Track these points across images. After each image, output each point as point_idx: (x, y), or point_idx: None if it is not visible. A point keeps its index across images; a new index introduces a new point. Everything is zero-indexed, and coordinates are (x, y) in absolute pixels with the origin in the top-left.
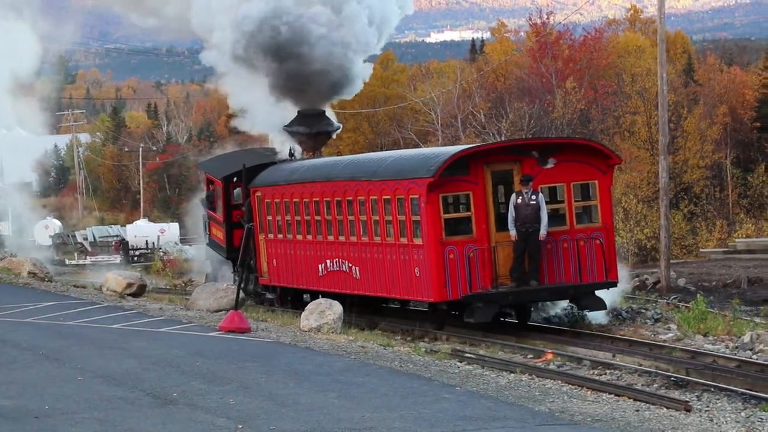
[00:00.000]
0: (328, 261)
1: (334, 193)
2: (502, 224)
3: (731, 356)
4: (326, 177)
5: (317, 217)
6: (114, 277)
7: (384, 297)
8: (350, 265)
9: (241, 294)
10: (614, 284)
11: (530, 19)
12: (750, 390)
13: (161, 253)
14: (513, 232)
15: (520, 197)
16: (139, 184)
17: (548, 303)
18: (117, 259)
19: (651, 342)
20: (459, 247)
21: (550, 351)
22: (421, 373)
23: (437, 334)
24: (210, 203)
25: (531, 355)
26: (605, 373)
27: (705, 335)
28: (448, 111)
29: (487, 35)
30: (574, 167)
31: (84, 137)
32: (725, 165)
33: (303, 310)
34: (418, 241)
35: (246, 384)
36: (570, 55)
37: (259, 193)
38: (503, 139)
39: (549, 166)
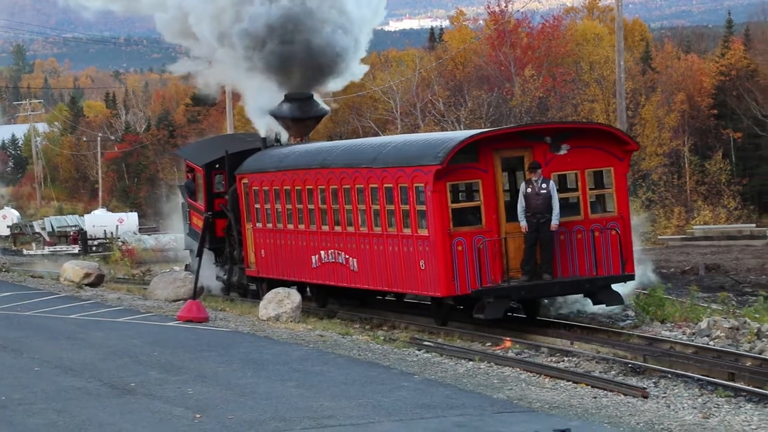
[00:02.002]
0: (322, 252)
1: (330, 180)
2: (512, 214)
3: (688, 343)
4: (321, 163)
5: (310, 206)
6: (72, 267)
7: (385, 291)
8: (347, 256)
9: (200, 283)
10: (632, 277)
11: (489, 7)
12: (707, 376)
13: (120, 243)
14: (523, 223)
15: (530, 186)
16: (97, 173)
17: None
18: (75, 249)
19: (609, 329)
20: (467, 238)
21: (508, 339)
22: (379, 361)
23: (395, 323)
24: (190, 191)
25: (489, 343)
26: (563, 361)
27: (662, 322)
28: (407, 99)
29: (446, 23)
30: (588, 153)
31: (42, 127)
32: (683, 152)
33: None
34: (423, 232)
35: (204, 373)
36: (528, 43)
37: (246, 180)
38: (462, 127)
39: (562, 152)
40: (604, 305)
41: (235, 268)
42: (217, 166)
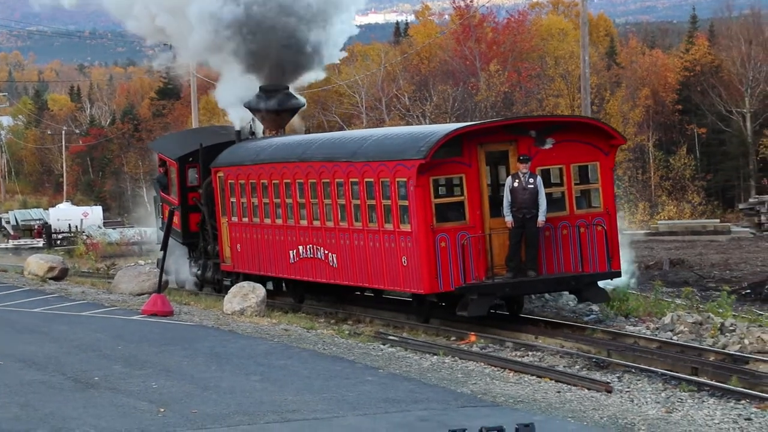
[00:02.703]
0: (300, 247)
1: (308, 174)
2: (496, 209)
3: (652, 337)
4: (299, 157)
5: (288, 200)
6: (36, 260)
7: (365, 287)
8: (326, 252)
9: (164, 276)
10: (618, 274)
11: (454, 2)
12: (670, 371)
13: (84, 237)
14: (509, 218)
15: (517, 180)
16: (62, 167)
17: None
18: (40, 242)
19: (573, 323)
20: (451, 234)
21: (473, 333)
22: (344, 355)
23: (362, 316)
24: (163, 185)
25: (454, 338)
26: (527, 355)
27: (626, 317)
28: (372, 94)
29: (411, 18)
30: (573, 147)
31: (6, 120)
32: (647, 147)
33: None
34: (405, 228)
35: (168, 367)
36: (494, 38)
37: (221, 174)
38: (428, 122)
39: (547, 146)
40: (589, 302)
41: (210, 263)
42: (190, 159)
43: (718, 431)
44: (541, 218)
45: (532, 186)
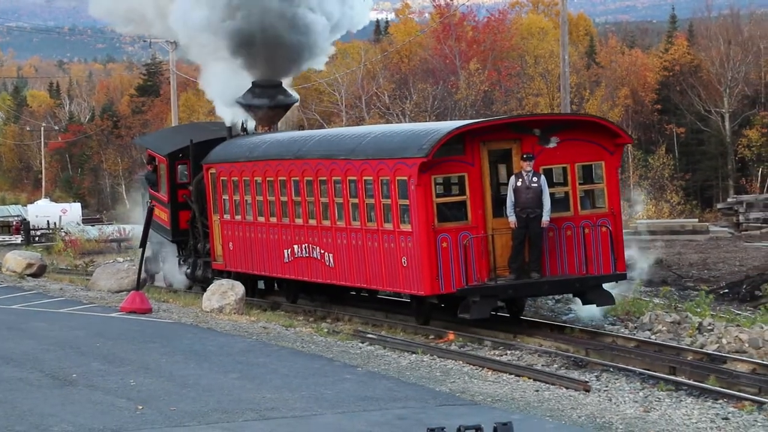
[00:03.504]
0: (295, 246)
1: (305, 172)
2: (499, 209)
3: (630, 336)
4: (295, 154)
5: (283, 198)
6: (14, 257)
7: (363, 288)
8: (322, 251)
9: (143, 274)
10: (623, 276)
11: (434, 0)
12: (648, 370)
13: (63, 234)
14: (512, 218)
15: (520, 179)
16: (40, 163)
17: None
18: (18, 239)
19: (552, 322)
20: (453, 234)
21: (451, 332)
22: (322, 353)
23: (341, 314)
24: (152, 182)
25: (432, 336)
26: (506, 354)
27: (605, 316)
28: (352, 92)
29: (391, 16)
30: (578, 147)
31: None
32: (626, 147)
33: (257, 296)
34: (406, 228)
35: (147, 365)
36: (474, 37)
37: (213, 171)
38: (408, 120)
39: (552, 145)
40: (594, 305)
41: (200, 262)
42: (180, 155)
43: (695, 431)
44: (545, 218)
45: (536, 185)
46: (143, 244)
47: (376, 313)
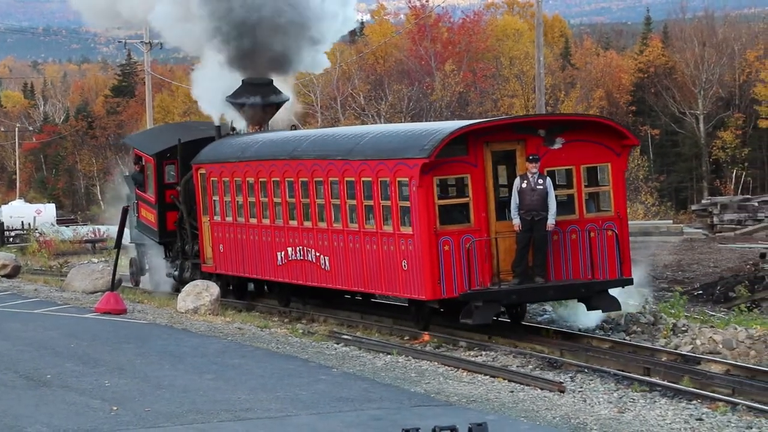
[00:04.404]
0: (289, 249)
1: (299, 172)
2: (502, 212)
3: (605, 338)
4: (289, 154)
5: (277, 199)
6: None
7: (361, 292)
8: (318, 254)
9: (117, 275)
10: (630, 282)
11: (410, 1)
12: (623, 371)
13: (37, 234)
14: (516, 221)
15: (525, 181)
16: (15, 164)
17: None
18: None
19: (527, 323)
20: (455, 237)
21: (426, 332)
22: (297, 354)
23: (315, 315)
24: (138, 183)
25: (407, 337)
26: (481, 355)
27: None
28: (327, 93)
29: (366, 17)
30: (584, 148)
31: None
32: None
33: (248, 300)
34: (406, 230)
35: (121, 366)
36: (449, 38)
37: (203, 171)
38: (383, 121)
39: (557, 146)
40: (600, 311)
41: (187, 264)
42: (168, 155)
43: (669, 431)
44: (551, 221)
45: (541, 187)
46: (118, 245)
47: (352, 314)
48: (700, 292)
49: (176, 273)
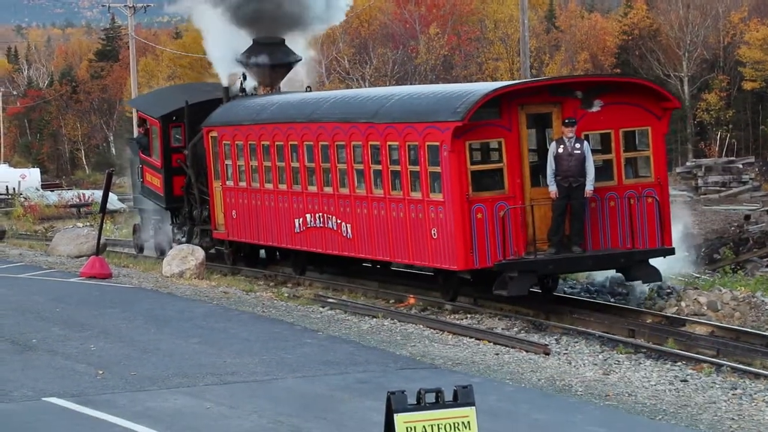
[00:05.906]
0: (308, 215)
1: (320, 136)
2: (538, 178)
3: (590, 300)
4: (308, 117)
5: (294, 164)
6: None
7: (386, 261)
8: (339, 221)
9: (102, 239)
10: (671, 251)
11: None
12: (607, 333)
13: (22, 199)
14: (552, 188)
15: (562, 146)
16: None
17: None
18: None
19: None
20: (488, 204)
21: (412, 296)
22: (283, 318)
23: (301, 279)
24: (143, 146)
25: (393, 300)
26: (466, 318)
27: (565, 279)
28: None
29: None
30: (624, 111)
31: None
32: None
33: (258, 267)
34: (436, 197)
35: (107, 330)
36: (433, 1)
37: (214, 134)
38: (368, 85)
39: (595, 109)
40: (640, 281)
41: (196, 230)
42: (174, 118)
43: (654, 393)
44: (589, 187)
45: (578, 152)
46: (103, 210)
47: (338, 277)
48: (685, 254)
49: (184, 239)
